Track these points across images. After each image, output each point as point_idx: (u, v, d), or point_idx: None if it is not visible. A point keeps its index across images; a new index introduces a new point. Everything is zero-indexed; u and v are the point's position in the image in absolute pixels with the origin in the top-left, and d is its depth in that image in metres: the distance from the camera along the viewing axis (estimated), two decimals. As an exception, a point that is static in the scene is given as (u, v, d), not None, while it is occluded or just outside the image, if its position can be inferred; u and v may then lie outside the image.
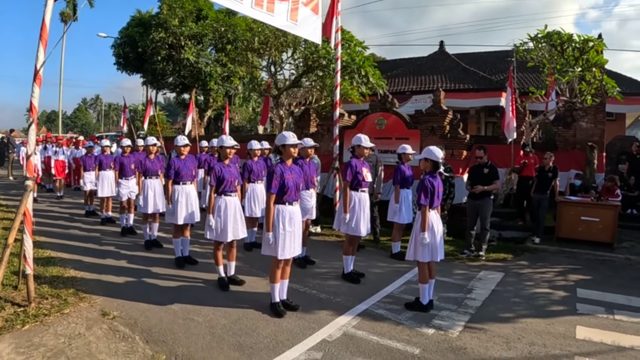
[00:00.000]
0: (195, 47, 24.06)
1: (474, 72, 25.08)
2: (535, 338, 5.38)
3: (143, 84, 31.33)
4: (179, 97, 30.36)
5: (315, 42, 11.16)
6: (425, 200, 5.99)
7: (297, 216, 5.95)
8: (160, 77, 26.11)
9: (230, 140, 6.90)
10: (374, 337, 5.31)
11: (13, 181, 19.82)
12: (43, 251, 8.65)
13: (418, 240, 6.01)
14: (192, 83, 25.21)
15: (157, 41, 23.79)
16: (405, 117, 13.14)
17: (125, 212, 10.69)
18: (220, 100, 26.72)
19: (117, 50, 27.71)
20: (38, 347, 4.86)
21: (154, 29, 24.33)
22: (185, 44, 23.72)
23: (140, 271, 7.71)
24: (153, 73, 25.78)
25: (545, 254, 9.72)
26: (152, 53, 24.39)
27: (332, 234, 10.79)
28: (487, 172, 9.19)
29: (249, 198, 9.00)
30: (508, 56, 22.55)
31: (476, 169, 9.45)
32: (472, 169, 9.68)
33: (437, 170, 6.17)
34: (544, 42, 12.85)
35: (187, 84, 25.84)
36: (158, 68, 24.77)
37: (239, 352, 4.90)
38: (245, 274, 7.47)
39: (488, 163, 9.32)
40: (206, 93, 26.61)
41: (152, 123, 22.03)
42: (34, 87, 5.92)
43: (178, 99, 30.93)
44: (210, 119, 29.47)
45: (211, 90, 25.61)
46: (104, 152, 12.17)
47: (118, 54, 27.74)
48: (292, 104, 18.33)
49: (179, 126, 37.74)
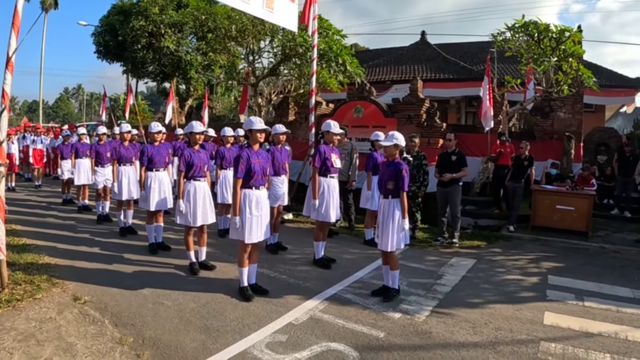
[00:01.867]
0: (176, 35, 23.92)
1: (454, 62, 25.21)
2: (503, 323, 5.42)
3: (124, 72, 31.10)
4: (160, 86, 30.20)
5: (291, 30, 11.14)
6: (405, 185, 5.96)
7: (264, 200, 5.96)
8: (140, 65, 25.94)
9: (199, 127, 6.91)
10: (339, 320, 5.35)
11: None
12: (18, 239, 8.63)
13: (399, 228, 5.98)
14: (172, 72, 25.09)
15: (137, 29, 23.62)
16: (382, 105, 13.19)
17: (101, 199, 10.66)
18: (201, 89, 26.63)
19: (98, 39, 27.43)
20: (9, 330, 4.88)
21: (134, 17, 24.16)
22: (165, 32, 23.58)
23: (114, 257, 7.72)
24: (133, 62, 25.61)
25: (519, 241, 9.80)
26: (132, 41, 24.24)
27: (307, 221, 10.79)
28: (454, 159, 9.20)
29: (222, 184, 9.02)
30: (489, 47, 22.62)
31: (444, 156, 9.45)
32: (440, 156, 9.69)
33: (402, 155, 6.21)
34: (521, 32, 12.90)
35: (168, 73, 25.71)
36: (138, 56, 24.61)
37: (205, 334, 4.93)
38: (217, 259, 7.50)
39: (456, 150, 9.33)
40: (187, 82, 26.51)
41: (133, 112, 21.88)
42: (5, 73, 5.91)
43: (159, 87, 30.75)
44: (191, 107, 29.34)
45: (192, 79, 25.51)
46: (80, 140, 12.09)
47: (98, 42, 27.46)
48: (271, 92, 18.30)
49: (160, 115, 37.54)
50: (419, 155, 9.63)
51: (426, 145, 11.67)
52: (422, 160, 9.60)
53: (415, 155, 9.61)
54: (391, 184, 5.98)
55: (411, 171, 9.46)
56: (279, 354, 4.54)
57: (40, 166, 17.27)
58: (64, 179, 13.09)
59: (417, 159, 9.59)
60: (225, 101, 33.71)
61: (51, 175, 19.35)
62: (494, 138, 12.43)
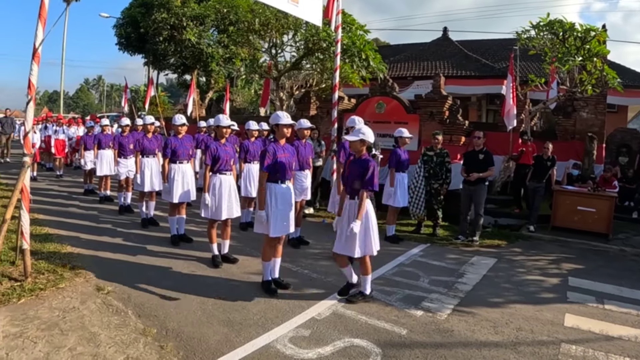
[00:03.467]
0: (197, 28, 23.95)
1: (476, 59, 25.00)
2: (523, 324, 5.40)
3: (145, 64, 31.24)
4: (181, 78, 30.29)
5: (315, 24, 11.12)
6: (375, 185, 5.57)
7: (289, 195, 5.99)
8: (161, 57, 26.04)
9: (226, 120, 6.92)
10: (362, 316, 5.36)
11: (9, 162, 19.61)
12: (41, 228, 8.71)
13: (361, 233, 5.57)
14: (193, 64, 25.14)
15: (159, 22, 23.70)
16: (404, 101, 13.14)
17: (123, 190, 10.77)
18: (221, 81, 26.61)
19: (119, 31, 27.61)
20: (33, 319, 4.93)
21: (156, 9, 24.23)
22: (187, 24, 23.62)
23: (136, 248, 7.78)
24: (155, 54, 25.72)
25: (539, 242, 9.73)
26: (154, 34, 24.31)
27: (328, 216, 10.80)
28: (482, 158, 9.17)
29: (245, 178, 9.04)
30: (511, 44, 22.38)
31: (471, 154, 9.43)
32: (466, 154, 9.66)
33: (370, 151, 5.70)
34: (545, 30, 12.78)
35: (189, 65, 25.77)
36: (160, 49, 24.70)
37: (228, 327, 4.96)
38: (239, 252, 7.54)
39: (483, 149, 9.30)
40: (208, 74, 26.53)
41: (153, 104, 21.99)
42: (32, 65, 5.99)
43: (180, 80, 30.85)
44: (211, 100, 29.39)
45: (213, 72, 25.52)
46: (103, 131, 12.20)
47: (120, 34, 27.64)
48: (293, 86, 18.29)
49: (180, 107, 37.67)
50: (441, 153, 9.62)
51: (448, 143, 11.62)
52: (444, 158, 9.59)
53: (438, 153, 9.61)
54: (357, 183, 5.55)
55: (434, 168, 9.48)
56: (303, 349, 4.56)
57: (62, 156, 17.43)
58: (86, 169, 13.21)
59: (439, 156, 9.58)
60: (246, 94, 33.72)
61: (72, 165, 19.52)
62: (515, 137, 12.35)
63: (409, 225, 10.30)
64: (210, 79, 26.78)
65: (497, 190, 12.60)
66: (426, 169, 9.65)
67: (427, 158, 9.70)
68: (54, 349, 4.36)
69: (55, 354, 4.27)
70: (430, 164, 9.64)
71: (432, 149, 9.74)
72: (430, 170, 9.65)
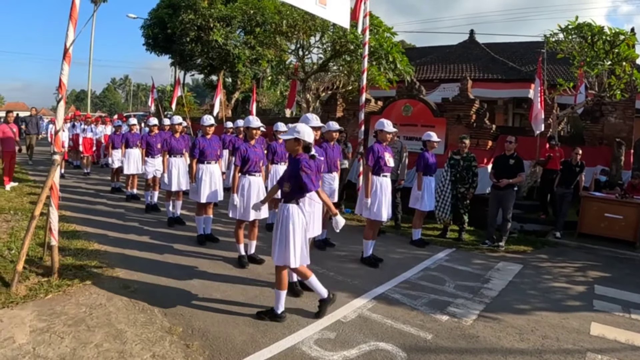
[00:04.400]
0: (224, 29, 24.03)
1: (503, 62, 24.82)
2: (549, 331, 5.36)
3: (171, 64, 31.48)
4: (207, 78, 30.45)
5: (343, 26, 11.12)
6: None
7: (317, 198, 5.98)
8: (188, 58, 26.15)
9: (256, 121, 6.96)
10: (388, 320, 5.37)
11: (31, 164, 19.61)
12: (68, 225, 8.86)
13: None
14: (220, 65, 25.23)
15: (186, 22, 23.84)
16: (431, 104, 13.09)
17: (150, 189, 10.92)
18: (248, 82, 26.71)
19: (147, 31, 27.86)
20: (60, 315, 5.03)
21: (183, 10, 24.37)
22: (214, 25, 23.70)
23: (162, 247, 7.86)
24: (181, 54, 25.85)
25: (565, 248, 9.63)
26: (181, 34, 24.45)
27: (354, 218, 10.81)
28: (512, 163, 9.10)
29: (272, 179, 9.01)
30: (538, 47, 22.26)
31: (502, 159, 9.36)
32: (497, 158, 9.59)
33: (309, 152, 5.21)
34: (574, 33, 12.67)
35: (215, 66, 25.87)
36: (187, 49, 24.83)
37: (253, 328, 5.00)
38: (265, 253, 7.50)
39: (514, 154, 9.23)
40: (234, 75, 26.62)
41: (180, 104, 22.18)
42: (63, 64, 6.06)
43: (206, 80, 31.03)
44: (237, 101, 29.54)
45: (239, 73, 25.58)
46: (131, 130, 12.35)
47: (147, 34, 27.90)
48: (319, 88, 18.32)
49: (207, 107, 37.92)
50: (468, 157, 9.58)
51: (475, 147, 11.54)
52: (471, 162, 9.55)
53: (464, 157, 9.57)
54: (287, 185, 5.16)
55: (461, 172, 9.44)
56: (328, 351, 4.58)
57: (90, 154, 17.68)
58: (114, 167, 13.37)
59: (466, 160, 9.55)
60: (271, 95, 33.85)
61: (99, 163, 19.77)
62: (543, 141, 12.23)
63: (435, 229, 10.26)
64: (236, 79, 26.90)
65: (524, 195, 12.48)
66: (452, 173, 9.61)
67: (453, 162, 9.67)
68: (81, 344, 4.44)
69: (82, 350, 4.34)
70: (457, 168, 9.60)
71: (459, 152, 9.70)
72: (456, 175, 9.61)
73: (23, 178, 14.50)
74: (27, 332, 4.61)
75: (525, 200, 12.39)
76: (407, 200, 9.40)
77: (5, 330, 4.63)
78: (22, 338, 4.49)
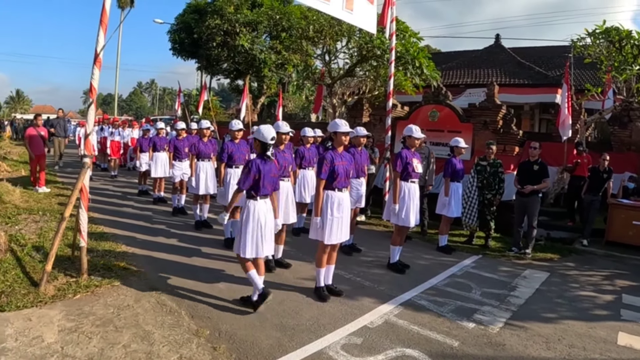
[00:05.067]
0: (250, 34, 24.15)
1: (529, 66, 24.63)
2: (576, 340, 5.33)
3: (198, 69, 31.73)
4: (233, 83, 30.57)
5: (370, 31, 11.15)
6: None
7: (346, 203, 6.04)
8: (215, 63, 26.31)
9: (285, 127, 6.97)
10: (414, 326, 5.38)
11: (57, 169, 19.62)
12: (96, 226, 9.00)
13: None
14: (246, 69, 25.34)
15: (213, 28, 23.99)
16: (458, 110, 13.03)
17: (178, 192, 11.02)
18: (273, 87, 26.82)
19: (173, 36, 28.11)
20: (88, 315, 5.13)
21: (209, 15, 24.55)
22: (240, 30, 23.83)
23: (189, 250, 7.95)
24: (208, 59, 26.03)
25: (592, 256, 9.52)
26: (208, 39, 24.60)
27: (380, 224, 10.85)
28: (537, 169, 9.04)
29: (300, 184, 9.06)
30: (564, 51, 22.03)
31: (526, 165, 9.29)
32: (521, 164, 9.52)
33: (265, 152, 5.59)
34: (602, 38, 12.54)
35: (242, 71, 25.97)
36: (213, 54, 24.98)
37: (280, 332, 5.05)
38: (292, 258, 7.62)
39: (538, 160, 9.17)
40: (260, 80, 26.71)
41: (206, 108, 22.38)
42: (94, 69, 6.18)
43: (232, 84, 31.18)
44: (263, 105, 29.67)
45: (265, 77, 25.68)
46: (158, 134, 12.50)
47: (174, 39, 28.14)
48: (345, 93, 18.35)
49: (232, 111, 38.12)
50: (495, 163, 9.55)
51: (501, 153, 11.47)
52: (498, 168, 9.51)
53: (491, 163, 9.54)
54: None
55: (487, 178, 9.42)
56: (355, 357, 4.61)
57: (117, 157, 17.92)
58: (141, 170, 13.55)
59: (493, 166, 9.52)
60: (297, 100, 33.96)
61: (127, 166, 20.04)
62: (570, 147, 12.13)
63: (461, 235, 10.23)
64: (262, 84, 27.02)
65: (550, 202, 12.39)
66: (479, 179, 9.59)
67: (480, 168, 9.64)
68: (109, 345, 4.51)
69: (110, 350, 4.42)
70: (484, 174, 9.57)
71: (485, 159, 9.67)
72: (483, 181, 9.59)
73: (51, 180, 14.72)
74: (55, 332, 4.70)
75: (552, 207, 12.28)
76: (434, 206, 9.42)
77: (34, 329, 4.73)
78: (50, 337, 4.58)
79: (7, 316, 4.97)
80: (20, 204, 10.53)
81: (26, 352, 4.29)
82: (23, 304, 5.29)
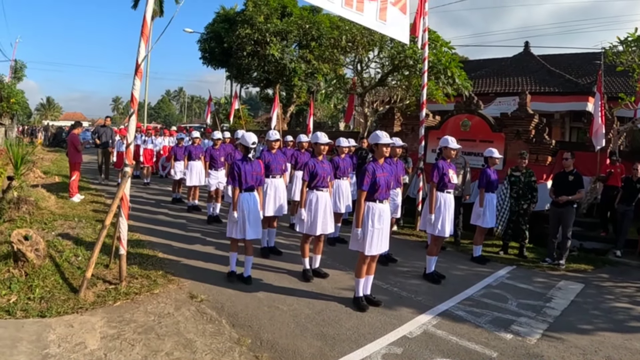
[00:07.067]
0: (280, 43, 24.29)
1: (559, 74, 24.30)
2: (612, 352, 5.33)
3: (227, 78, 32.00)
4: (263, 92, 30.78)
5: (403, 41, 11.21)
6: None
7: (387, 214, 6.11)
8: (245, 72, 26.50)
9: (324, 138, 7.10)
10: (453, 337, 5.44)
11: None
12: (132, 234, 9.03)
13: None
14: (276, 79, 25.48)
15: (243, 37, 24.20)
16: (490, 119, 13.02)
17: (213, 201, 11.17)
18: (303, 96, 27.02)
19: (203, 45, 28.50)
20: (129, 322, 5.24)
21: (239, 25, 24.84)
22: (270, 40, 23.98)
23: (227, 258, 7.86)
24: (238, 68, 26.25)
25: (626, 267, 9.45)
26: (238, 48, 24.85)
27: (413, 234, 10.92)
28: (572, 179, 9.06)
29: (334, 194, 9.06)
30: (594, 58, 21.82)
31: (561, 176, 9.31)
32: (557, 175, 9.55)
33: (247, 154, 6.90)
34: (634, 45, 12.45)
35: (272, 80, 26.13)
36: (243, 63, 25.20)
37: (321, 341, 5.13)
38: (329, 267, 7.71)
39: (573, 170, 9.17)
40: (289, 89, 26.81)
41: (236, 116, 22.63)
42: (135, 79, 6.36)
43: (262, 93, 31.40)
44: (292, 114, 29.84)
45: (295, 86, 25.79)
46: (193, 143, 12.72)
47: (204, 48, 28.53)
48: (375, 102, 18.39)
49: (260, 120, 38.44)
50: (528, 172, 9.58)
51: (534, 163, 11.44)
52: (531, 177, 9.55)
53: (524, 173, 9.57)
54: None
55: (522, 189, 9.48)
56: (396, 366, 4.68)
57: (150, 165, 18.20)
58: (176, 179, 13.70)
59: (527, 176, 9.55)
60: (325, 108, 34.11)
61: (160, 174, 20.30)
62: (603, 157, 12.05)
63: (494, 245, 10.22)
64: (292, 93, 27.14)
65: (583, 212, 12.30)
66: (514, 190, 9.65)
67: (514, 179, 9.68)
68: (151, 352, 4.61)
69: (153, 358, 4.52)
70: (519, 184, 9.61)
71: (518, 169, 9.71)
72: (519, 191, 9.64)
73: (85, 186, 15.02)
74: (98, 338, 4.80)
75: (585, 217, 12.20)
76: (468, 217, 9.46)
77: (77, 335, 4.83)
78: (93, 344, 4.68)
79: (49, 322, 5.09)
80: (56, 210, 10.74)
81: (70, 359, 4.40)
82: (64, 309, 5.41)
